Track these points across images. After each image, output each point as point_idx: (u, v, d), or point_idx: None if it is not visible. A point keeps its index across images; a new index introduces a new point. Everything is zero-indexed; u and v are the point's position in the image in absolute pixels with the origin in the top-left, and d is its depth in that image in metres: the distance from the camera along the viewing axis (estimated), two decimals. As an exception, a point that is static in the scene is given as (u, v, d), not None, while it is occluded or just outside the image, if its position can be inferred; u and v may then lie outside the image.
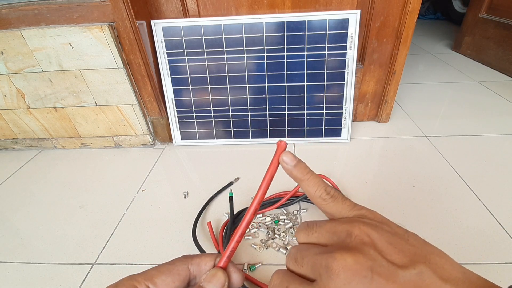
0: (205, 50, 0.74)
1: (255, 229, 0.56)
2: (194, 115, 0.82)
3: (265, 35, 0.72)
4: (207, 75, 0.77)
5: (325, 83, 0.76)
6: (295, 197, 0.60)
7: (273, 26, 0.71)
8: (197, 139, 0.85)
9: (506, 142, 0.78)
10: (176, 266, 0.20)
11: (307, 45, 0.72)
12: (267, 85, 0.77)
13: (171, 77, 0.78)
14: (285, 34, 0.72)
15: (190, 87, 0.79)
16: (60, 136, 0.87)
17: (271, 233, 0.55)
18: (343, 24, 0.70)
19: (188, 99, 0.80)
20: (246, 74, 0.77)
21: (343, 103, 0.78)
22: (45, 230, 0.61)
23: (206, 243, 0.54)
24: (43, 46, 0.69)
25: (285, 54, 0.74)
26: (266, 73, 0.76)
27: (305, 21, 0.70)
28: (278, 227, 0.56)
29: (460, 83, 1.16)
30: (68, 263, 0.53)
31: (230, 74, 0.77)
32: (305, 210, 0.60)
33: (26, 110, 0.81)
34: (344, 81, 0.76)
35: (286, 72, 0.76)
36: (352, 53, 0.73)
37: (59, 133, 0.86)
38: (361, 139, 0.84)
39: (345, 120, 0.80)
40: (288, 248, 0.52)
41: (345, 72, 0.75)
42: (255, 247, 0.53)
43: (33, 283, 0.50)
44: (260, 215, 0.59)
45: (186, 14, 0.75)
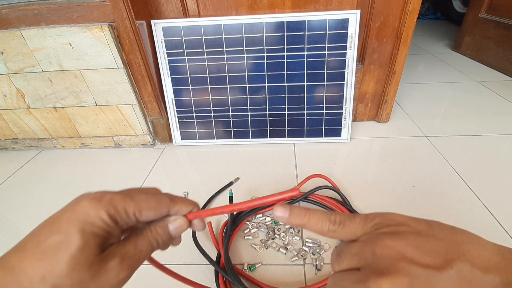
0: (205, 50, 0.74)
1: (255, 229, 0.56)
2: (194, 115, 0.82)
3: (265, 35, 0.72)
4: (207, 75, 0.77)
5: (325, 83, 0.76)
6: (295, 197, 0.60)
7: (273, 26, 0.71)
8: (197, 139, 0.85)
9: (506, 142, 0.78)
10: (161, 206, 0.21)
11: (307, 45, 0.72)
12: (267, 85, 0.77)
13: (171, 77, 0.78)
14: (285, 34, 0.72)
15: (190, 87, 0.79)
16: (60, 136, 0.87)
17: (271, 233, 0.55)
18: (343, 24, 0.70)
19: (188, 99, 0.80)
20: (246, 74, 0.77)
21: (343, 103, 0.78)
22: (45, 230, 0.61)
23: (206, 243, 0.54)
24: (43, 46, 0.69)
25: (285, 54, 0.74)
26: (266, 73, 0.76)
27: (305, 21, 0.70)
28: (278, 227, 0.56)
29: (460, 83, 1.16)
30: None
31: (230, 74, 0.77)
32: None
33: (26, 110, 0.81)
34: (344, 81, 0.76)
35: (286, 72, 0.76)
36: (352, 53, 0.73)
37: (59, 133, 0.86)
38: (361, 139, 0.84)
39: (345, 120, 0.80)
40: (288, 248, 0.52)
41: (345, 72, 0.75)
42: (255, 247, 0.53)
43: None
44: (260, 215, 0.59)
45: (186, 14, 0.75)
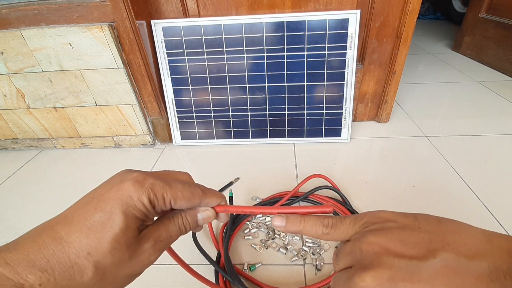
0: (205, 50, 0.74)
1: (255, 229, 0.56)
2: (194, 115, 0.82)
3: (265, 35, 0.72)
4: (207, 75, 0.77)
5: (325, 83, 0.76)
6: (295, 197, 0.60)
7: (273, 26, 0.71)
8: (197, 139, 0.85)
9: (506, 142, 0.78)
10: (194, 197, 0.22)
11: (307, 45, 0.72)
12: (267, 85, 0.77)
13: (171, 77, 0.78)
14: (285, 34, 0.72)
15: (190, 87, 0.79)
16: (60, 136, 0.87)
17: (271, 233, 0.55)
18: (343, 24, 0.70)
19: (188, 99, 0.80)
20: (246, 74, 0.77)
21: (343, 103, 0.78)
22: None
23: (206, 243, 0.54)
24: (43, 46, 0.69)
25: (285, 54, 0.74)
26: (266, 73, 0.76)
27: (305, 21, 0.70)
28: (278, 227, 0.56)
29: (460, 83, 1.16)
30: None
31: (230, 74, 0.77)
32: (305, 210, 0.60)
33: (26, 110, 0.81)
34: (344, 81, 0.76)
35: (286, 72, 0.76)
36: (352, 53, 0.73)
37: (59, 133, 0.86)
38: (361, 139, 0.84)
39: (345, 120, 0.80)
40: (288, 248, 0.52)
41: (345, 72, 0.75)
42: (255, 247, 0.53)
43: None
44: (260, 215, 0.59)
45: (186, 14, 0.75)
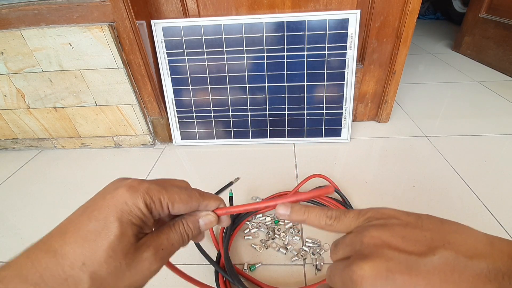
0: (205, 50, 0.74)
1: (255, 229, 0.56)
2: (194, 115, 0.82)
3: (265, 35, 0.72)
4: (207, 75, 0.77)
5: (325, 83, 0.76)
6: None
7: (273, 26, 0.71)
8: (197, 139, 0.85)
9: (506, 142, 0.78)
10: (192, 200, 0.22)
11: (307, 45, 0.72)
12: (267, 85, 0.77)
13: (171, 77, 0.78)
14: (285, 34, 0.72)
15: (190, 87, 0.79)
16: (60, 136, 0.87)
17: (271, 233, 0.55)
18: (343, 24, 0.70)
19: (188, 99, 0.80)
20: (246, 74, 0.77)
21: (343, 103, 0.78)
22: (45, 230, 0.59)
23: (206, 242, 0.54)
24: (43, 46, 0.69)
25: (285, 54, 0.74)
26: (266, 73, 0.76)
27: (305, 21, 0.70)
28: (278, 227, 0.56)
29: (460, 83, 1.16)
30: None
31: (230, 74, 0.77)
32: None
33: (26, 110, 0.81)
34: (344, 81, 0.76)
35: (286, 72, 0.76)
36: (352, 53, 0.73)
37: (59, 133, 0.86)
38: (361, 139, 0.84)
39: (345, 120, 0.80)
40: (288, 248, 0.52)
41: (345, 72, 0.75)
42: (255, 247, 0.53)
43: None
44: (260, 215, 0.59)
45: (186, 14, 0.75)
